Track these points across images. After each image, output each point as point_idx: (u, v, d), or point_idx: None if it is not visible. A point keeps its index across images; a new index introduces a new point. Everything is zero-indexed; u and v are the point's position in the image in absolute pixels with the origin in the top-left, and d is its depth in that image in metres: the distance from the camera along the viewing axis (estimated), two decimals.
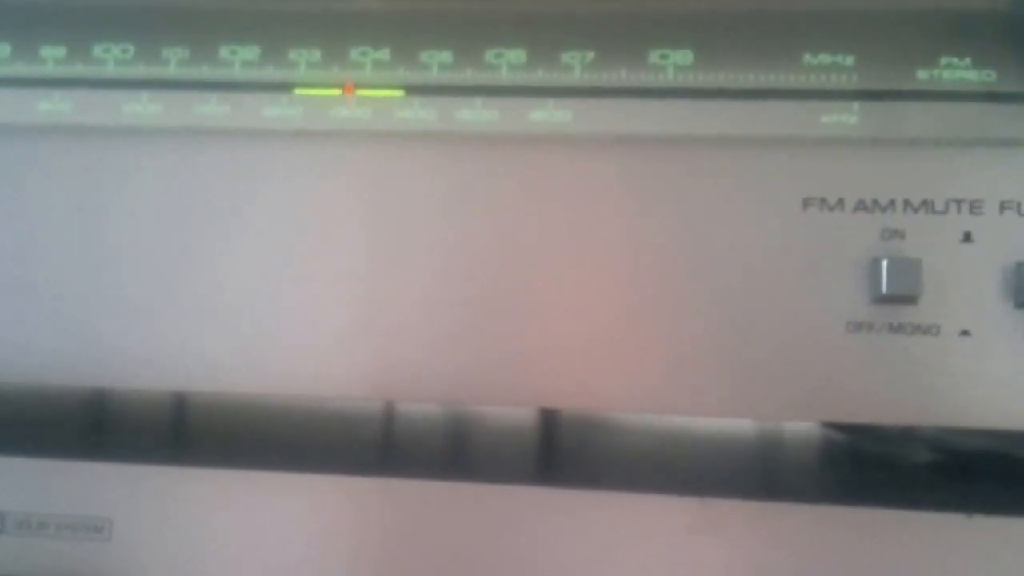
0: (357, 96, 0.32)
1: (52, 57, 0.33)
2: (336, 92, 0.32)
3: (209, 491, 0.31)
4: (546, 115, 0.31)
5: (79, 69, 0.33)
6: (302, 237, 0.31)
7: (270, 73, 0.32)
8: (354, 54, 0.32)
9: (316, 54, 0.32)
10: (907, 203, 0.29)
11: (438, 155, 0.31)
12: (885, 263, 0.29)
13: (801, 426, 0.31)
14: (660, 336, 0.30)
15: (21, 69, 0.33)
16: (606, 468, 0.32)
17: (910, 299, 0.29)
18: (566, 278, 0.31)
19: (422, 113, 0.32)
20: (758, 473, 0.32)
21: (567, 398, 0.30)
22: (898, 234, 0.29)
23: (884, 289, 0.29)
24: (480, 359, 0.31)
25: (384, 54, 0.32)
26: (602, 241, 0.31)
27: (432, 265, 0.31)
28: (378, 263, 0.31)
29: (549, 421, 0.33)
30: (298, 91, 0.32)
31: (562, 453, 0.33)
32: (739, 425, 0.31)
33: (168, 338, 0.32)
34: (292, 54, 0.32)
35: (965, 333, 0.29)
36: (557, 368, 0.30)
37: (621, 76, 0.31)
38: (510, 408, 0.33)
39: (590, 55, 0.31)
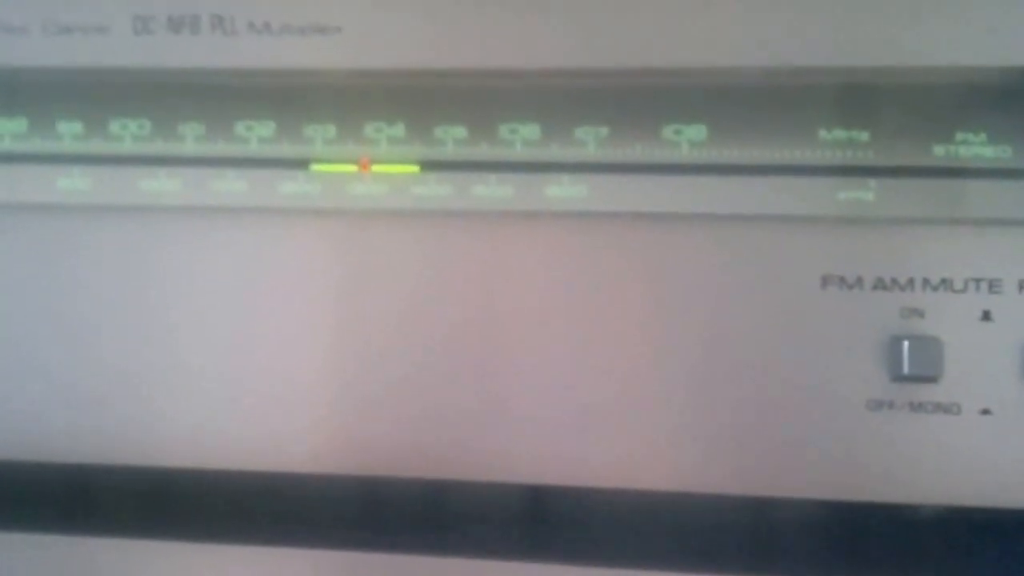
0: (373, 172, 0.32)
1: (69, 133, 0.33)
2: (352, 168, 0.32)
3: (201, 566, 0.31)
4: (561, 191, 0.31)
5: (96, 145, 0.33)
6: (308, 314, 0.32)
7: (286, 149, 0.32)
8: (369, 130, 0.32)
9: (331, 130, 0.32)
10: (926, 282, 0.29)
11: (453, 231, 0.31)
12: (906, 344, 0.29)
13: (806, 500, 0.31)
14: (678, 413, 0.30)
15: (38, 145, 0.33)
16: (600, 542, 0.32)
17: (931, 379, 0.29)
18: (584, 353, 0.31)
19: (438, 189, 0.32)
20: (760, 549, 0.32)
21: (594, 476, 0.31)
22: (917, 313, 0.29)
23: (905, 370, 0.29)
24: (475, 435, 0.31)
25: (399, 130, 0.32)
26: (619, 318, 0.31)
27: (439, 343, 0.31)
28: (383, 340, 0.31)
29: (540, 491, 0.33)
30: (314, 167, 0.32)
31: (553, 526, 0.33)
32: (741, 499, 0.31)
33: (169, 413, 0.32)
34: (308, 130, 0.32)
35: (986, 412, 0.29)
36: (573, 445, 0.30)
37: (635, 151, 0.31)
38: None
39: (604, 130, 0.31)
